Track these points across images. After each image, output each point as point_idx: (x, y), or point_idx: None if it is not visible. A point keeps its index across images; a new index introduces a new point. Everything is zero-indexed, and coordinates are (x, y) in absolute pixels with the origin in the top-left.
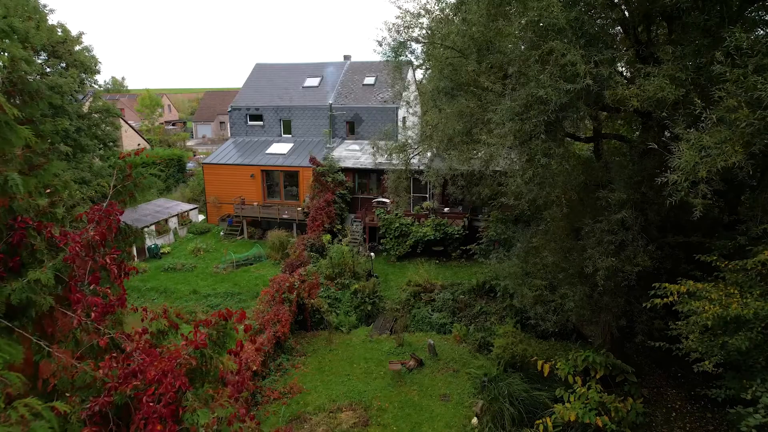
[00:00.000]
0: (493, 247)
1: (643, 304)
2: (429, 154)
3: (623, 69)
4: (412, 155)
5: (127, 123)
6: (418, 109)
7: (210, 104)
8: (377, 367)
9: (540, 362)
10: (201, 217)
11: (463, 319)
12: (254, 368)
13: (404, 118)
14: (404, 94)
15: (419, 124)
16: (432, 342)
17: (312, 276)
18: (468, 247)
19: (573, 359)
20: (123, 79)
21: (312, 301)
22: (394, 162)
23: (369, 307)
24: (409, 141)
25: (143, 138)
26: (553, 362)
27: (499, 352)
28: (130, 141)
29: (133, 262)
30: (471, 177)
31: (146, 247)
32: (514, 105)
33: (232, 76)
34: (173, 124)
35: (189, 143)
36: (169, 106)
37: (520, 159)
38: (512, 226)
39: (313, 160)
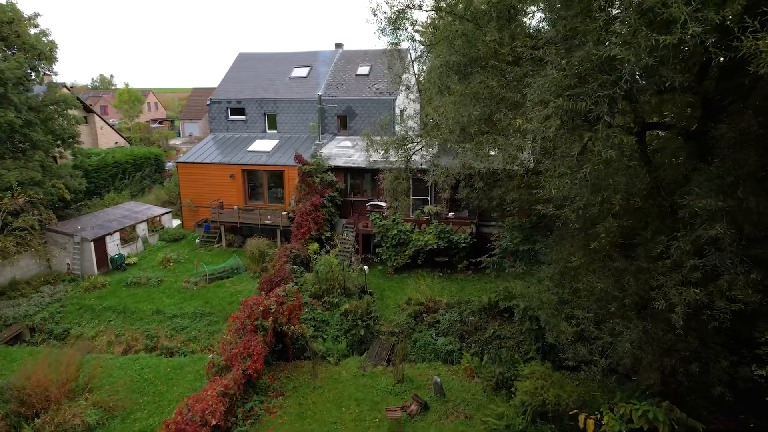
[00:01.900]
0: (508, 260)
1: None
2: (433, 149)
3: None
4: (413, 150)
5: (102, 119)
6: (417, 104)
7: (197, 102)
8: (371, 412)
9: (582, 417)
10: (176, 222)
11: (473, 345)
12: (214, 422)
13: (402, 111)
14: (404, 76)
15: (421, 115)
16: (438, 379)
17: (293, 296)
18: (479, 260)
19: (625, 412)
20: (111, 77)
21: (293, 328)
22: (391, 159)
23: (362, 332)
24: (410, 133)
25: (121, 136)
26: (597, 416)
27: (525, 398)
28: (107, 139)
29: (93, 277)
30: (490, 176)
31: (109, 257)
32: (561, 76)
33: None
34: (160, 123)
35: (176, 142)
36: (155, 103)
37: (567, 152)
38: (532, 235)
39: (298, 158)
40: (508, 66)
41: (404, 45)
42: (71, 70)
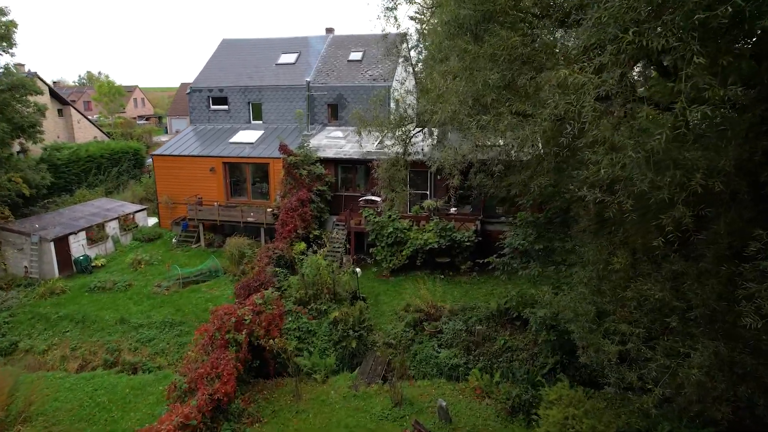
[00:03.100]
0: (519, 260)
1: None
2: (432, 139)
3: None
4: (413, 132)
5: (80, 113)
6: (414, 96)
7: (185, 97)
8: None
9: None
10: (153, 221)
11: (480, 358)
12: None
13: (398, 100)
14: (399, 59)
15: (421, 94)
16: (444, 403)
17: (272, 304)
18: (486, 260)
19: None
20: (99, 74)
21: (272, 342)
22: (387, 144)
23: (353, 343)
24: (409, 111)
25: (101, 131)
26: None
27: (552, 430)
28: (85, 133)
29: (52, 280)
30: (508, 158)
31: (73, 259)
32: (627, 4)
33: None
34: (147, 120)
35: (163, 138)
36: (142, 99)
37: (629, 113)
38: (547, 232)
39: (283, 148)
40: (535, 19)
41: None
42: (60, 67)
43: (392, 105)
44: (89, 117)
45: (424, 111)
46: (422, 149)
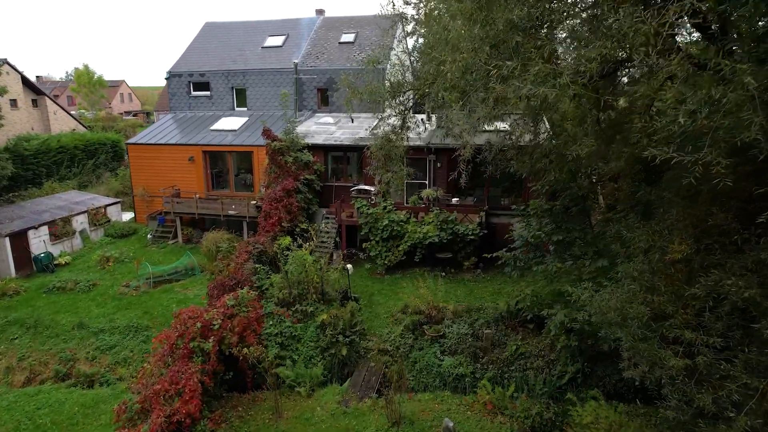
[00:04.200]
0: (534, 254)
1: None
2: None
3: None
4: (411, 98)
5: (56, 103)
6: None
7: None
8: None
9: None
10: (129, 216)
11: (490, 366)
12: None
13: (396, 64)
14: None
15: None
16: (451, 424)
17: (248, 306)
18: (495, 255)
19: None
20: (86, 67)
21: (246, 351)
22: (380, 125)
23: (344, 351)
24: (407, 76)
25: (80, 123)
26: None
27: None
28: (61, 125)
29: (5, 280)
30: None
31: (33, 256)
32: None
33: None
34: (135, 115)
35: None
36: (129, 94)
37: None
38: (564, 222)
39: (267, 132)
40: None
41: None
42: (49, 64)
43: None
44: (69, 110)
45: (426, 75)
46: (420, 135)
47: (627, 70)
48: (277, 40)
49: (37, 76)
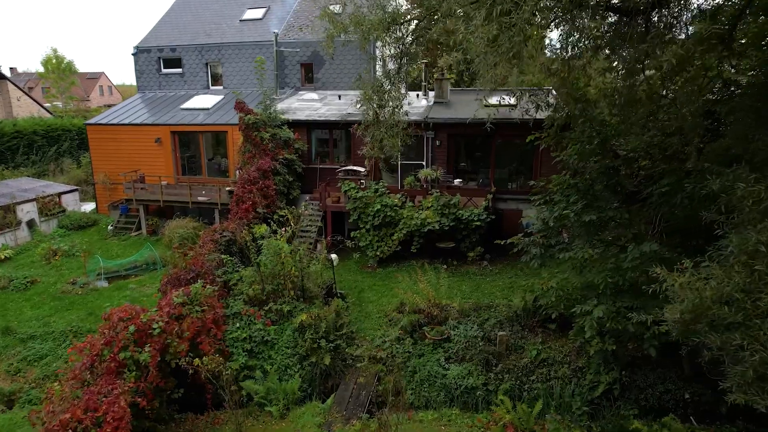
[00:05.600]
0: (555, 239)
1: None
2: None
3: None
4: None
5: (20, 89)
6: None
7: None
8: None
9: None
10: (91, 206)
11: (506, 375)
12: None
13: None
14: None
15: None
16: None
17: (201, 305)
18: (509, 241)
19: None
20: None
21: (200, 361)
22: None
23: (327, 359)
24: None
25: (45, 109)
26: None
27: None
28: (25, 111)
29: None
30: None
31: None
32: None
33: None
34: None
35: None
36: (110, 87)
37: None
38: (597, 199)
39: (240, 105)
40: None
41: None
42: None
43: (378, 69)
44: (42, 103)
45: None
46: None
47: None
48: (257, 13)
49: (10, 68)
